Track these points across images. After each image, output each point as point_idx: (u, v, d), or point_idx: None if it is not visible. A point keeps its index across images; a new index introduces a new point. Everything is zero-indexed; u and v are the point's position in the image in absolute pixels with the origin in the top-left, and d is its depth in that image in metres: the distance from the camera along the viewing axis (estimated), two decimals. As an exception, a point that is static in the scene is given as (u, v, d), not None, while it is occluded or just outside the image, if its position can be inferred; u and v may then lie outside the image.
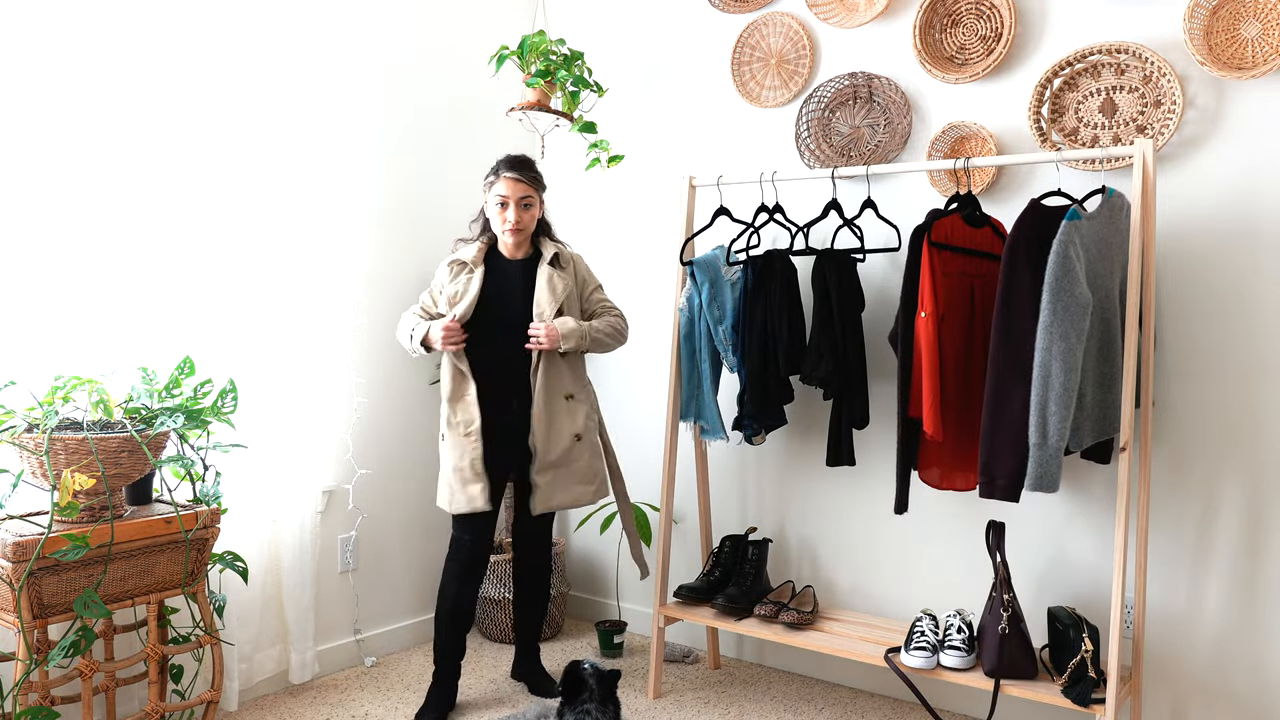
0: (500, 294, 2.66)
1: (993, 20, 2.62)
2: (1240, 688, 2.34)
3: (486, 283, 2.66)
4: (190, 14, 2.58)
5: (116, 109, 2.44)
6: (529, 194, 2.63)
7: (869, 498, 2.89)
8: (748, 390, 2.67)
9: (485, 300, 2.64)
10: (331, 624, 3.01)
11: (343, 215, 3.00)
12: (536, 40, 3.05)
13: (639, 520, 3.18)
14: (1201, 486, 2.38)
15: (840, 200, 2.90)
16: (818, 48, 2.96)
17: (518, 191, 2.61)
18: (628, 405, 3.44)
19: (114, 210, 2.45)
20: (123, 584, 2.17)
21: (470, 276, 2.66)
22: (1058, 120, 2.53)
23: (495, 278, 2.68)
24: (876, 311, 2.83)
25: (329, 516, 3.00)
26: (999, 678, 2.25)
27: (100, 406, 2.13)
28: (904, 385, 2.34)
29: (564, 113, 3.15)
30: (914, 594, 2.81)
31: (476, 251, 2.70)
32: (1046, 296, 2.05)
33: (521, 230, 2.64)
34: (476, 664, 3.10)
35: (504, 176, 2.62)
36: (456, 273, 2.70)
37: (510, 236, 2.64)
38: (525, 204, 2.63)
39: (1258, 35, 2.27)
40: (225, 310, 2.66)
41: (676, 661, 3.11)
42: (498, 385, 2.64)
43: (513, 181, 2.61)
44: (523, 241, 2.68)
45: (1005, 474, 2.15)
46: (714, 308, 2.70)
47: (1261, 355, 2.29)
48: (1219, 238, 2.34)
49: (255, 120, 2.72)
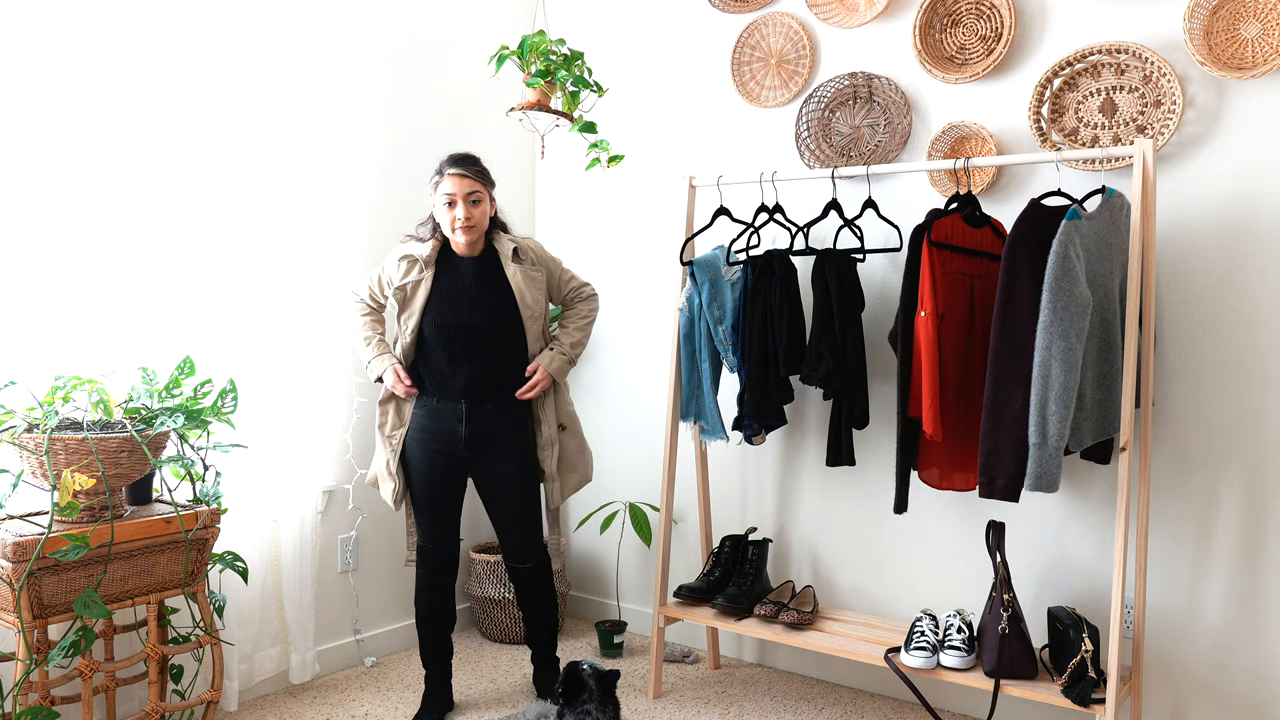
0: (452, 293, 2.55)
1: (993, 20, 2.62)
2: (1240, 688, 2.34)
3: (437, 283, 2.56)
4: (190, 17, 2.58)
5: (117, 110, 2.44)
6: (475, 189, 2.52)
7: (869, 498, 2.89)
8: (748, 390, 2.67)
9: (436, 301, 2.54)
10: (331, 624, 3.01)
11: (342, 215, 3.00)
12: (536, 40, 3.05)
13: (639, 520, 3.19)
14: (1201, 486, 2.38)
15: (840, 200, 2.90)
16: (818, 48, 2.96)
17: (464, 188, 2.50)
18: (628, 405, 3.44)
19: (114, 210, 2.45)
20: (123, 584, 2.17)
21: (420, 278, 2.55)
22: (1058, 120, 2.53)
23: (448, 275, 2.57)
24: (876, 311, 2.83)
25: (329, 516, 3.00)
26: (999, 678, 2.25)
27: (100, 406, 2.13)
28: (904, 385, 2.34)
29: (564, 113, 3.15)
30: (914, 594, 2.81)
31: (430, 250, 2.57)
32: (1046, 296, 2.05)
33: (473, 227, 2.52)
34: (476, 664, 3.10)
35: (448, 174, 2.51)
36: (407, 269, 2.57)
37: (462, 235, 2.51)
38: (473, 200, 2.51)
39: (1258, 35, 2.27)
40: (225, 310, 2.66)
41: (676, 661, 3.11)
42: (447, 387, 2.55)
43: (458, 178, 2.50)
44: (475, 240, 2.55)
45: (1005, 474, 2.15)
46: (714, 308, 2.70)
47: (1262, 355, 2.29)
48: (1219, 237, 2.34)
49: (254, 121, 2.72)
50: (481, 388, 2.55)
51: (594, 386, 3.53)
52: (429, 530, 2.63)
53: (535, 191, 3.70)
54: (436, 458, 2.57)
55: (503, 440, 2.58)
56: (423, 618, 2.67)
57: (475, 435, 2.56)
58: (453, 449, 2.57)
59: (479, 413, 2.55)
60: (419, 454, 2.58)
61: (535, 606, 2.74)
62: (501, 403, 2.57)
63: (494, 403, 2.57)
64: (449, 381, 2.55)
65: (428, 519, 2.63)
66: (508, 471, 2.60)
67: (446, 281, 2.56)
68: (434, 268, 2.57)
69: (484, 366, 2.54)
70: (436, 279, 2.57)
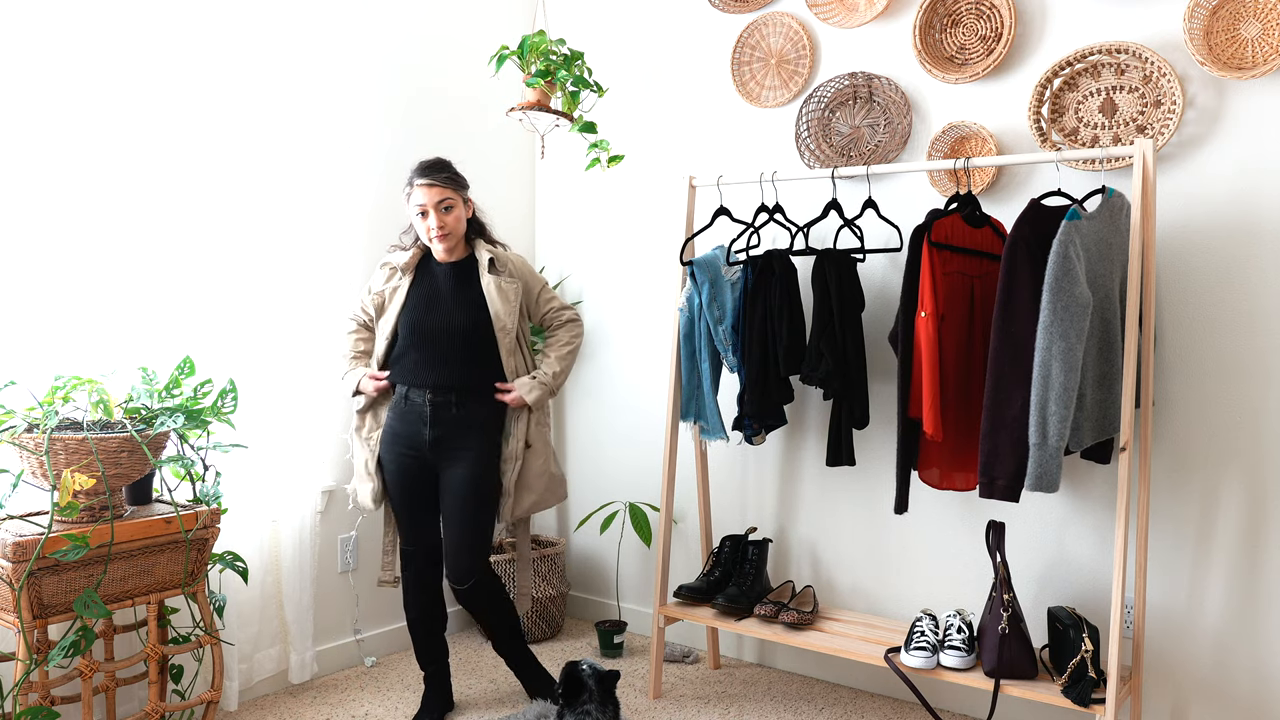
0: (427, 297, 2.58)
1: (993, 20, 2.62)
2: (1240, 688, 2.34)
3: (414, 287, 2.59)
4: (191, 17, 2.58)
5: (117, 110, 2.44)
6: (446, 196, 2.52)
7: (869, 498, 2.89)
8: (748, 390, 2.67)
9: (410, 304, 2.57)
10: (331, 624, 3.01)
11: (342, 215, 3.00)
12: (536, 40, 3.05)
13: (639, 520, 3.19)
14: (1201, 486, 2.38)
15: (840, 200, 2.90)
16: (818, 48, 2.96)
17: (434, 196, 2.50)
18: (628, 405, 3.44)
19: (114, 210, 2.45)
20: (123, 584, 2.17)
21: (398, 284, 2.60)
22: (1058, 120, 2.53)
23: (425, 280, 2.60)
24: (876, 311, 2.83)
25: (329, 516, 3.00)
26: (999, 678, 2.25)
27: (100, 406, 2.13)
28: (904, 385, 2.34)
29: (564, 113, 3.15)
30: (914, 594, 2.81)
31: (410, 257, 2.61)
32: (1046, 296, 2.05)
33: (449, 234, 2.54)
34: (476, 664, 3.10)
35: (417, 184, 2.51)
36: (388, 276, 2.64)
37: (439, 243, 2.55)
38: (445, 207, 2.52)
39: (1258, 35, 2.27)
40: (225, 310, 2.66)
41: (676, 661, 3.11)
42: (416, 390, 2.55)
43: (426, 188, 2.50)
44: (453, 246, 2.58)
45: (1005, 474, 2.15)
46: (714, 308, 2.70)
47: (1262, 355, 2.29)
48: (1219, 237, 2.34)
49: (255, 121, 2.72)
50: (448, 392, 2.54)
51: (594, 386, 3.53)
52: (408, 533, 2.63)
53: (535, 191, 3.70)
54: (406, 461, 2.58)
55: (464, 447, 2.55)
56: (414, 620, 2.66)
57: (439, 439, 2.54)
58: (419, 451, 2.57)
59: (443, 417, 2.54)
60: (389, 456, 2.59)
61: (487, 615, 2.66)
62: (465, 409, 2.55)
63: (459, 408, 2.55)
64: (418, 384, 2.55)
65: (405, 521, 2.63)
66: (460, 479, 2.55)
67: (423, 286, 2.60)
68: (412, 274, 2.61)
69: (452, 370, 2.54)
70: (414, 284, 2.60)
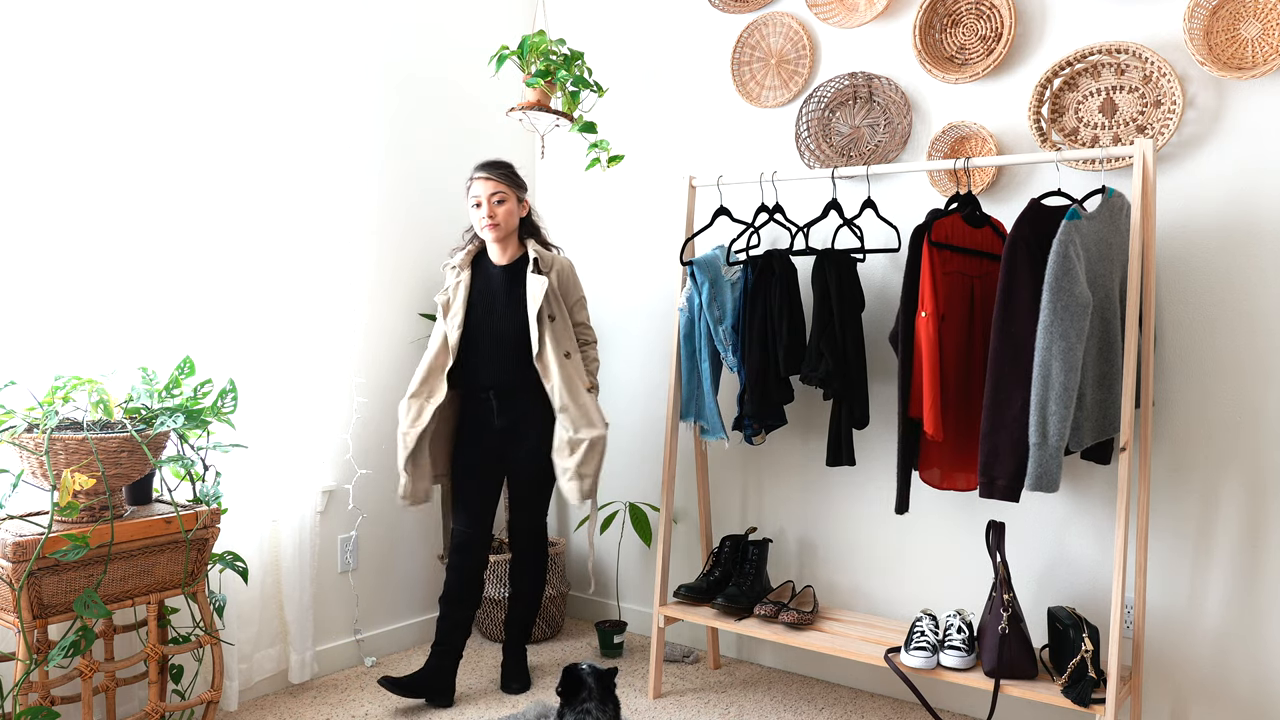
0: (483, 297, 2.76)
1: (993, 20, 2.62)
2: (1240, 688, 2.34)
3: (473, 286, 2.78)
4: (191, 17, 2.58)
5: (117, 110, 2.44)
6: (499, 189, 2.70)
7: (869, 498, 2.89)
8: (748, 390, 2.67)
9: (470, 310, 2.76)
10: (331, 624, 3.01)
11: (342, 215, 3.00)
12: (536, 40, 3.05)
13: (639, 520, 3.19)
14: (1201, 486, 2.38)
15: (840, 200, 2.90)
16: (818, 48, 2.96)
17: (488, 189, 2.69)
18: (628, 405, 3.44)
19: (114, 210, 2.45)
20: (123, 584, 2.17)
21: (459, 280, 2.77)
22: (1058, 120, 2.53)
23: (480, 280, 2.78)
24: (876, 311, 2.83)
25: (329, 516, 3.00)
26: (999, 678, 2.25)
27: (100, 406, 2.13)
28: (904, 385, 2.34)
29: (564, 113, 3.15)
30: (914, 594, 2.81)
31: (465, 255, 2.81)
32: (1046, 296, 2.05)
33: (498, 225, 2.71)
34: (476, 664, 3.10)
35: (475, 178, 2.72)
36: (453, 276, 2.81)
37: (489, 233, 2.72)
38: (498, 200, 2.70)
39: (1258, 35, 2.27)
40: (225, 310, 2.66)
41: (676, 661, 3.11)
42: (480, 388, 2.76)
43: (483, 180, 2.70)
44: (503, 238, 2.75)
45: (1005, 474, 2.15)
46: (714, 308, 2.70)
47: (1262, 355, 2.29)
48: (1219, 237, 2.34)
49: (255, 121, 2.72)
50: (507, 388, 2.74)
51: (594, 386, 3.53)
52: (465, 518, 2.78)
53: (535, 192, 3.70)
54: (475, 448, 2.78)
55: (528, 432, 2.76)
56: (447, 595, 2.77)
57: (506, 427, 2.76)
58: (488, 441, 2.77)
59: (505, 408, 2.75)
60: (464, 443, 2.80)
61: (522, 577, 2.89)
62: (527, 398, 2.75)
63: (521, 398, 2.75)
64: (481, 378, 2.75)
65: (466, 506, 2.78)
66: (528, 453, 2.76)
67: (479, 286, 2.78)
68: (469, 269, 2.80)
69: (511, 365, 2.73)
70: (472, 281, 2.79)
